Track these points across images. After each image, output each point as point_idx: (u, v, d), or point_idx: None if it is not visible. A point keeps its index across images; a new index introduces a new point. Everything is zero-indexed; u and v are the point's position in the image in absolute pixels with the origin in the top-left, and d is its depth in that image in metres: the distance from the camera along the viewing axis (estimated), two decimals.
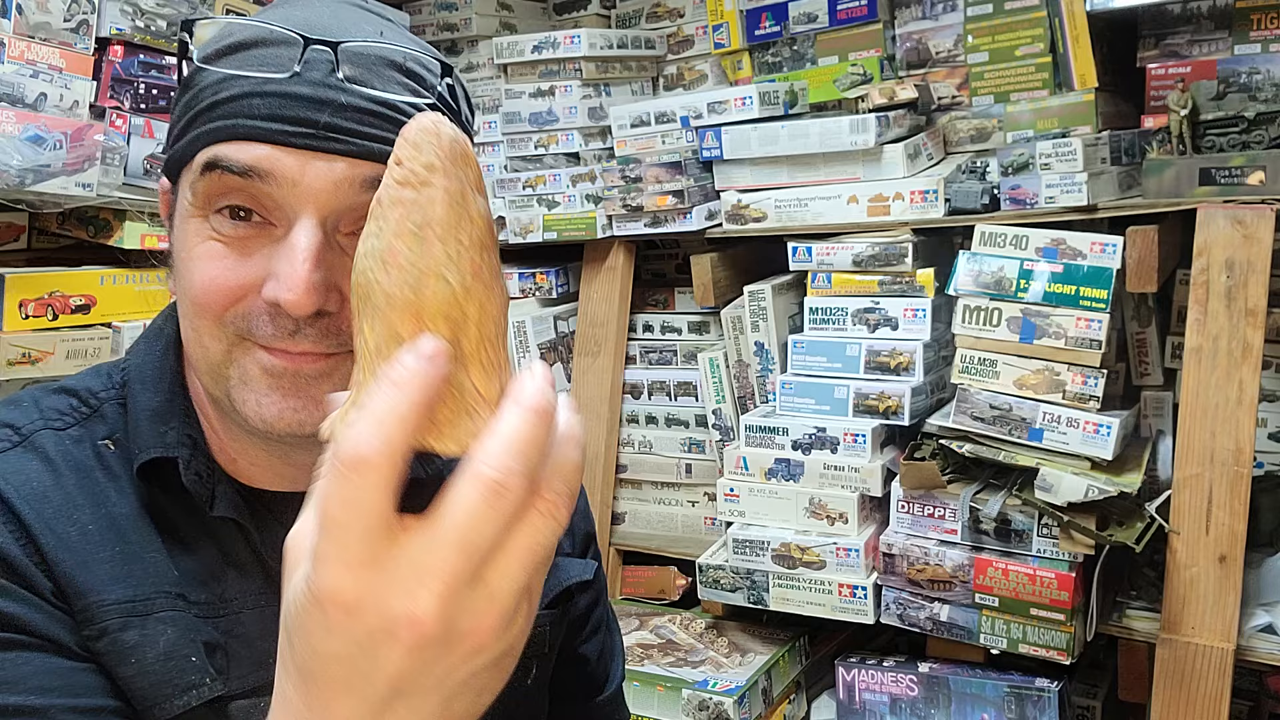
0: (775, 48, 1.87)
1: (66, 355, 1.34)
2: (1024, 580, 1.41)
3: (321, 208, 0.67)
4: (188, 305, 0.70)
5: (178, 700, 0.70)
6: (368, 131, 0.68)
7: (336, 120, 0.67)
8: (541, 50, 1.88)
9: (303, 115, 0.66)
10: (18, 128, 1.27)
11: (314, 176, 0.66)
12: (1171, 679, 1.39)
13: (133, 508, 0.74)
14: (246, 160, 0.66)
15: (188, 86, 0.71)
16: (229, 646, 0.73)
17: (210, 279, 0.68)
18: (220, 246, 0.68)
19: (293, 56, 0.67)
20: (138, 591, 0.70)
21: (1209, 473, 1.36)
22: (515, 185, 1.93)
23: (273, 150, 0.66)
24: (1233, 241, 1.35)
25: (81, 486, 0.73)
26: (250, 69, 0.67)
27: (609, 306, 1.90)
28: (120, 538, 0.72)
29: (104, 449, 0.75)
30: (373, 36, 0.71)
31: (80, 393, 0.78)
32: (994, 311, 1.45)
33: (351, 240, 0.69)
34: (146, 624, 0.70)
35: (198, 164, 0.68)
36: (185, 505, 0.74)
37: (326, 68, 0.67)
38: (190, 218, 0.69)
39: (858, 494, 1.55)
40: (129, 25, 1.40)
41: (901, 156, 1.61)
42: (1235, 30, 1.52)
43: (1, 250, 1.42)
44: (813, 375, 1.62)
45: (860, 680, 1.56)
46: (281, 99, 0.67)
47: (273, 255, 0.67)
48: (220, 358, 0.70)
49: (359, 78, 0.68)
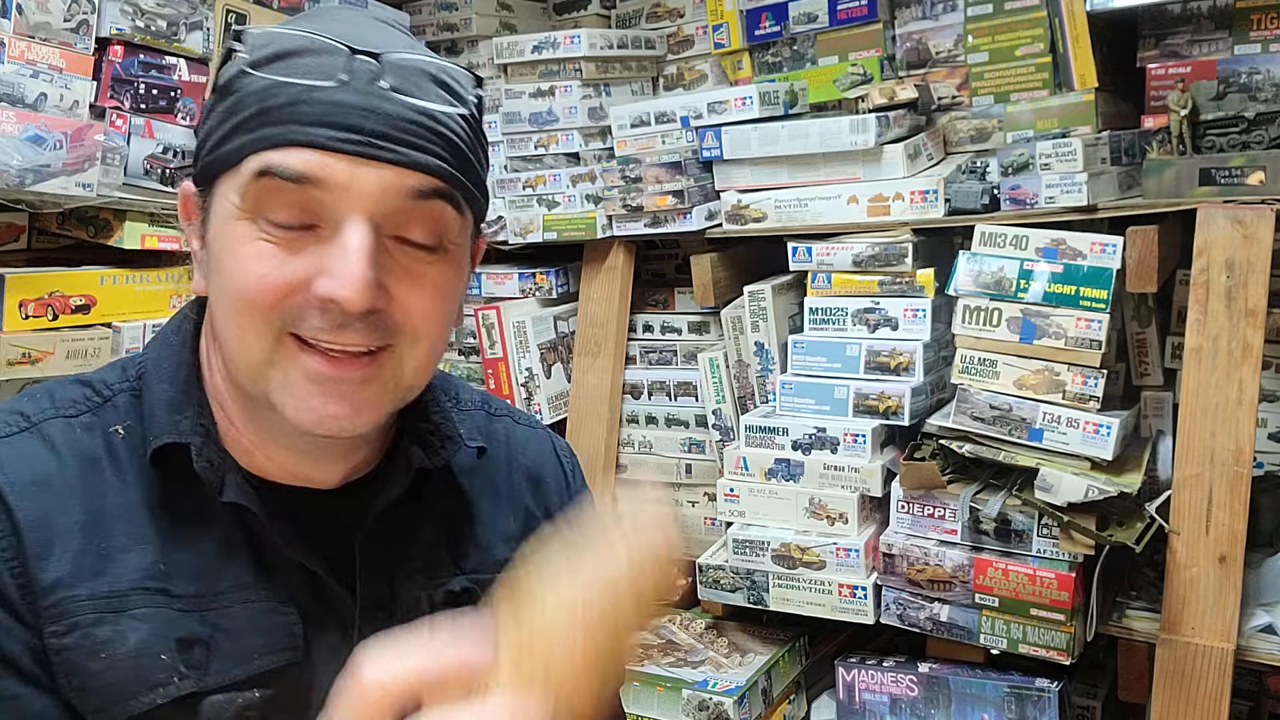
0: (775, 48, 1.87)
1: (66, 355, 1.34)
2: (1024, 580, 1.41)
3: (370, 211, 0.70)
4: (231, 303, 0.72)
5: (144, 698, 0.72)
6: (412, 141, 0.71)
7: (383, 129, 0.70)
8: (541, 50, 1.88)
9: (351, 123, 0.69)
10: (18, 128, 1.27)
11: (362, 182, 0.69)
12: (1171, 679, 1.39)
13: (133, 497, 0.76)
14: (299, 167, 0.69)
15: (227, 93, 0.72)
16: (212, 640, 0.74)
17: (261, 276, 0.70)
18: (270, 246, 0.70)
19: (338, 65, 0.70)
20: (115, 587, 0.73)
21: (1209, 473, 1.36)
22: (515, 185, 1.93)
23: (323, 156, 0.69)
24: (1233, 241, 1.35)
25: (82, 476, 0.75)
26: (297, 77, 0.70)
27: (609, 306, 1.90)
28: (109, 532, 0.74)
29: (114, 436, 0.77)
30: (399, 41, 0.74)
31: (95, 384, 0.80)
32: (994, 311, 1.45)
33: (395, 245, 0.72)
34: (120, 620, 0.72)
35: (248, 170, 0.70)
36: (193, 494, 0.76)
37: (370, 77, 0.70)
38: (236, 220, 0.71)
39: (858, 494, 1.55)
40: (129, 25, 1.40)
41: (901, 156, 1.61)
42: (1235, 30, 1.52)
43: (1, 250, 1.42)
44: (813, 375, 1.62)
45: (860, 680, 1.56)
46: (330, 106, 0.69)
47: (322, 254, 0.70)
48: (263, 356, 0.72)
49: (401, 87, 0.71)
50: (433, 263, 0.74)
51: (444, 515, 0.86)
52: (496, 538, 0.89)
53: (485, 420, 0.94)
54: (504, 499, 0.91)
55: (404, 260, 0.73)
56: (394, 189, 0.70)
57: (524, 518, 0.92)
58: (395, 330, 0.73)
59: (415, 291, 0.73)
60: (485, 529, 0.89)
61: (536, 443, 0.98)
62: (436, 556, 0.84)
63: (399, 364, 0.75)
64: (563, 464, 0.99)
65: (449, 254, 0.76)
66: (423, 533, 0.84)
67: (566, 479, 0.98)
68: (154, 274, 1.47)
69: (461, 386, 0.96)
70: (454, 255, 0.76)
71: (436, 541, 0.85)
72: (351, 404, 0.73)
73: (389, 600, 0.81)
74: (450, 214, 0.74)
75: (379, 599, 0.81)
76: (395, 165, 0.70)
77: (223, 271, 0.72)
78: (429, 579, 0.83)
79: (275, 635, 0.76)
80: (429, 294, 0.74)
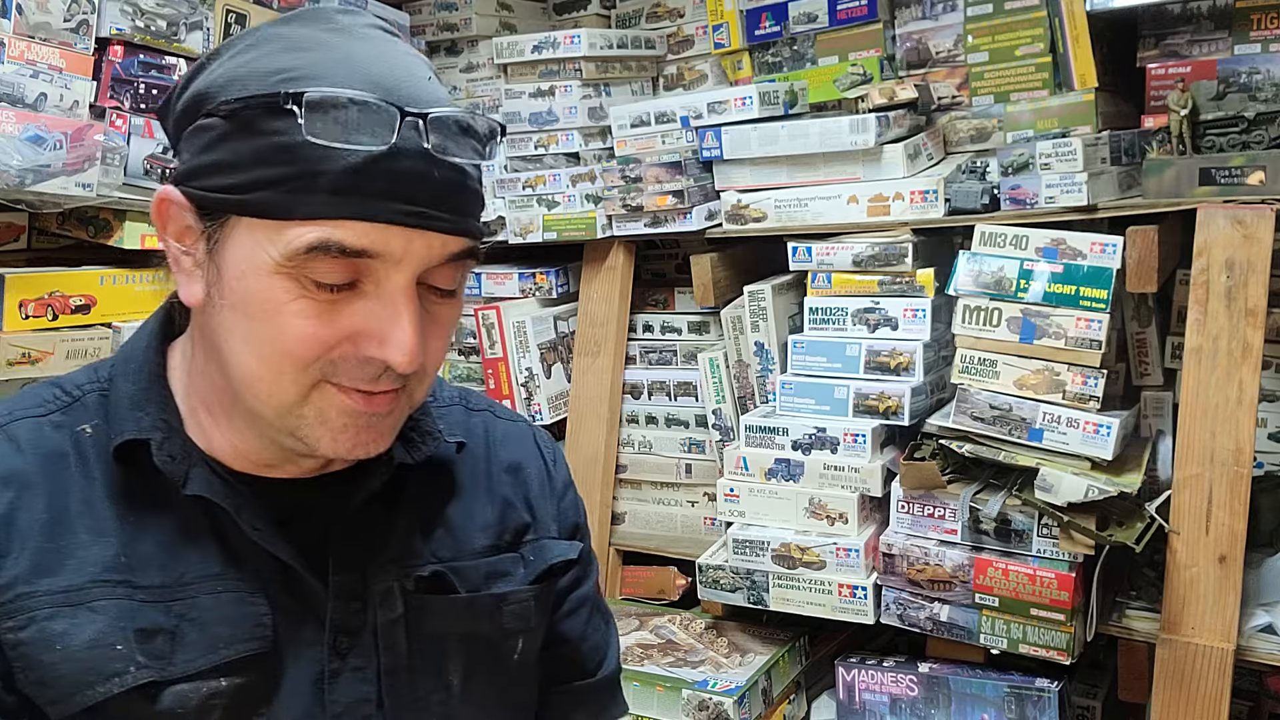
0: (775, 48, 1.87)
1: (66, 355, 1.34)
2: (1024, 580, 1.41)
3: (415, 271, 0.73)
4: (265, 351, 0.73)
5: (100, 688, 0.73)
6: (456, 206, 0.74)
7: (433, 197, 0.72)
8: (541, 50, 1.88)
9: (407, 194, 0.71)
10: (18, 128, 1.27)
11: (415, 250, 0.72)
12: (1171, 679, 1.39)
13: (97, 492, 0.78)
14: (361, 244, 0.70)
15: (254, 131, 0.70)
16: (178, 630, 0.76)
17: (308, 335, 0.72)
18: (313, 304, 0.72)
19: (388, 126, 0.70)
20: (73, 581, 0.75)
21: (1209, 473, 1.36)
22: (515, 185, 1.93)
23: (382, 230, 0.70)
24: (1233, 241, 1.35)
25: (46, 473, 0.77)
26: (349, 139, 0.69)
27: (609, 306, 1.90)
28: (70, 528, 0.76)
29: (81, 434, 0.79)
30: (425, 82, 0.75)
31: (65, 384, 0.83)
32: (994, 311, 1.45)
33: (422, 290, 0.75)
34: (77, 613, 0.74)
35: (299, 239, 0.69)
36: (157, 487, 0.78)
37: (418, 138, 0.71)
38: (275, 274, 0.71)
39: (858, 494, 1.55)
40: (129, 25, 1.40)
41: (901, 156, 1.61)
42: (1235, 30, 1.52)
43: (1, 250, 1.42)
44: (813, 375, 1.62)
45: (860, 680, 1.56)
46: (387, 177, 0.70)
47: (367, 313, 0.72)
48: (296, 399, 0.74)
49: (443, 146, 0.72)
50: (446, 304, 0.78)
51: (419, 506, 0.88)
52: (473, 526, 0.90)
53: (464, 415, 0.96)
54: (482, 490, 0.93)
55: (428, 305, 0.76)
56: (440, 253, 0.73)
57: (502, 507, 0.93)
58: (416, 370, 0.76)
59: (434, 333, 0.77)
60: (462, 518, 0.90)
61: (517, 436, 0.99)
62: (410, 545, 0.86)
63: (411, 394, 0.79)
64: (544, 455, 1.00)
65: (456, 295, 0.80)
66: (397, 523, 0.86)
67: (548, 469, 0.99)
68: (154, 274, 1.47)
69: (441, 383, 0.98)
70: (459, 294, 0.80)
71: (410, 531, 0.86)
72: (379, 432, 0.77)
73: (362, 590, 0.82)
74: (472, 264, 0.78)
75: (352, 589, 0.82)
76: (443, 233, 0.73)
77: (254, 318, 0.72)
78: (401, 568, 0.84)
79: (243, 625, 0.77)
80: (441, 333, 0.79)
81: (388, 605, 0.83)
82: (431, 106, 0.72)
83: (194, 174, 0.73)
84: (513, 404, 1.91)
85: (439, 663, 0.85)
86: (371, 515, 0.84)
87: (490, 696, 0.89)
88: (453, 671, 0.86)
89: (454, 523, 0.90)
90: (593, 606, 1.01)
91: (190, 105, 0.74)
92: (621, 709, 1.04)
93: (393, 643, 0.83)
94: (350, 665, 0.81)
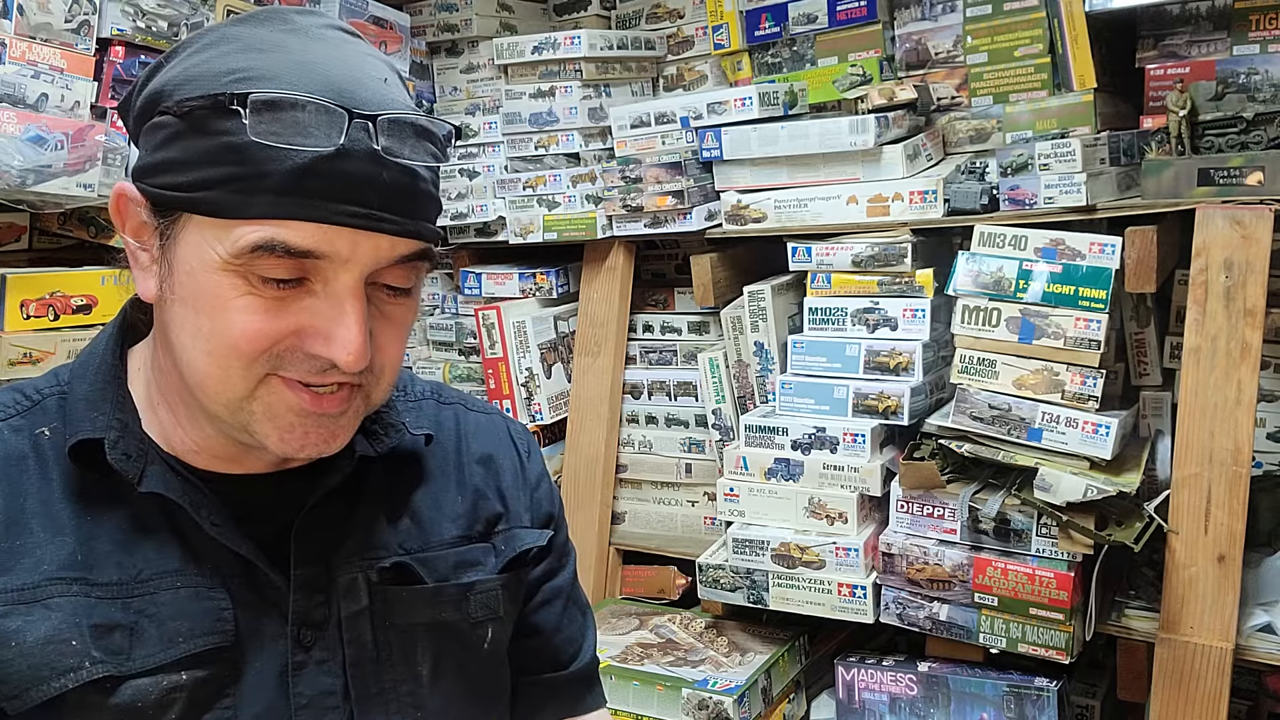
0: (775, 48, 1.87)
1: (67, 355, 1.35)
2: (1023, 580, 1.42)
3: (364, 273, 0.73)
4: (212, 346, 0.74)
5: (54, 683, 0.74)
6: (406, 209, 0.74)
7: (382, 199, 0.72)
8: (542, 51, 1.89)
9: (355, 196, 0.71)
10: (19, 128, 1.27)
11: (363, 251, 0.73)
12: (1170, 678, 1.39)
13: (54, 492, 0.79)
14: (306, 245, 0.70)
15: (203, 130, 0.71)
16: (136, 626, 0.77)
17: (254, 330, 0.72)
18: (259, 300, 0.72)
19: (337, 129, 0.70)
20: (28, 580, 0.75)
21: (1208, 472, 1.37)
22: (515, 185, 1.93)
23: (328, 232, 0.71)
24: (1231, 242, 1.35)
25: (4, 476, 0.78)
26: (297, 139, 0.69)
27: (609, 306, 1.90)
28: (26, 528, 0.77)
29: (41, 437, 0.80)
30: (380, 84, 0.75)
31: (26, 389, 0.84)
32: (993, 312, 1.45)
33: (372, 289, 0.76)
34: (32, 610, 0.75)
35: (246, 236, 0.70)
36: (114, 486, 0.79)
37: (368, 140, 0.71)
38: (222, 272, 0.72)
39: (857, 494, 1.55)
40: (130, 26, 1.41)
41: (901, 157, 1.61)
42: (1234, 31, 1.52)
43: (3, 250, 1.42)
44: (812, 375, 1.62)
45: (860, 679, 1.56)
46: (334, 178, 0.70)
47: (314, 310, 0.73)
48: (244, 393, 0.75)
49: (394, 149, 0.72)
50: (401, 304, 0.79)
51: (384, 498, 0.88)
52: (442, 517, 0.91)
53: (435, 409, 0.97)
54: (452, 481, 0.93)
55: (379, 304, 0.77)
56: (388, 255, 0.74)
57: (474, 498, 0.93)
58: (368, 368, 0.77)
59: (388, 331, 0.78)
60: (429, 509, 0.91)
61: (489, 427, 0.99)
62: (374, 537, 0.86)
63: (367, 395, 0.79)
64: (516, 445, 1.00)
65: (412, 294, 0.80)
66: (361, 515, 0.86)
67: (521, 460, 0.99)
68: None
69: (413, 379, 0.98)
70: (415, 294, 0.81)
71: (374, 522, 0.87)
72: (330, 431, 0.77)
73: (326, 583, 0.83)
74: (425, 266, 0.79)
75: (314, 582, 0.82)
76: (392, 235, 0.73)
77: (202, 313, 0.73)
78: (364, 559, 0.85)
79: (203, 620, 0.78)
80: (396, 333, 0.79)
81: (352, 597, 0.83)
82: (384, 108, 0.72)
83: (148, 171, 0.74)
84: (513, 404, 1.91)
85: (407, 653, 0.86)
86: (335, 508, 0.84)
87: (460, 686, 0.89)
88: (421, 661, 0.87)
89: (422, 514, 0.90)
90: (568, 598, 1.01)
91: (147, 103, 0.75)
92: (598, 702, 1.03)
93: (358, 634, 0.83)
94: (315, 658, 0.81)
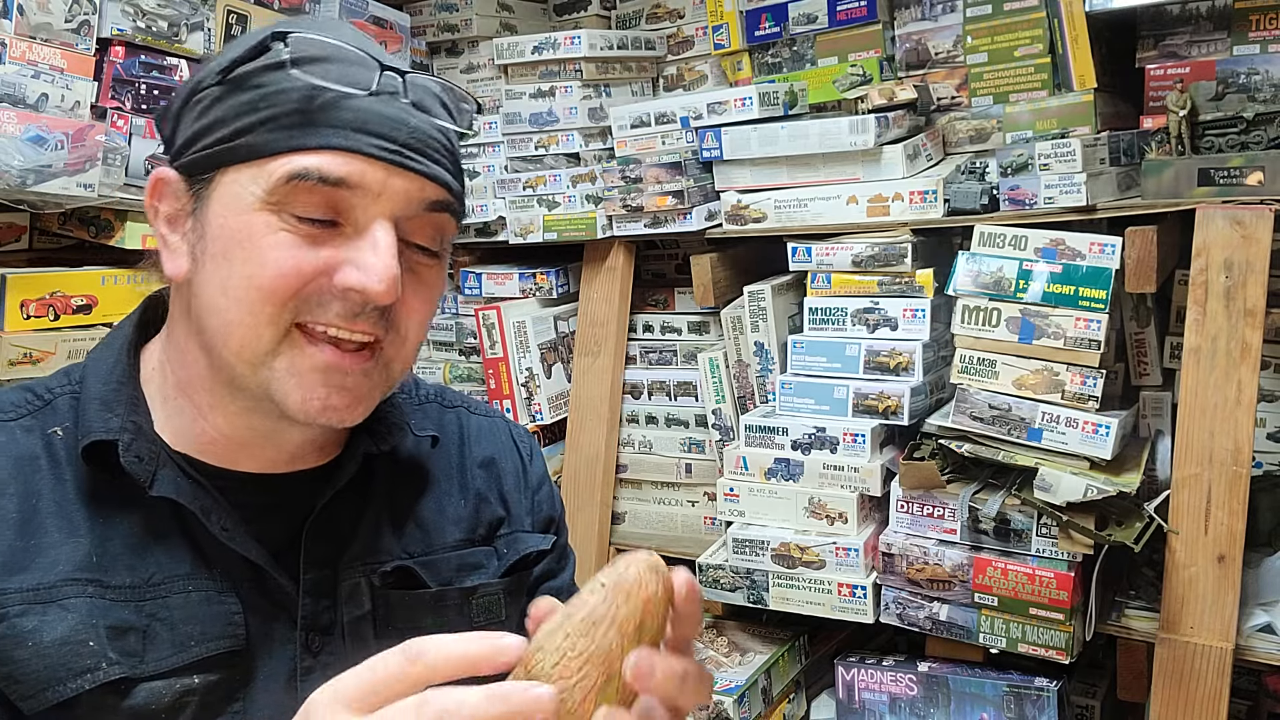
0: (775, 48, 1.87)
1: (68, 355, 1.34)
2: (1023, 580, 1.42)
3: (394, 214, 0.75)
4: (243, 290, 0.74)
5: (71, 684, 0.73)
6: (432, 155, 0.76)
7: (411, 140, 0.75)
8: (542, 51, 1.89)
9: (385, 132, 0.74)
10: (19, 128, 1.27)
11: (393, 189, 0.74)
12: (1170, 678, 1.39)
13: (68, 493, 0.78)
14: (339, 173, 0.73)
15: (244, 86, 0.75)
16: (149, 629, 0.77)
17: (282, 264, 0.73)
18: (292, 237, 0.74)
19: (370, 78, 0.74)
20: (44, 580, 0.75)
21: (1208, 472, 1.37)
22: (515, 185, 1.93)
23: (361, 163, 0.73)
24: (1231, 242, 1.35)
25: (17, 475, 0.78)
26: (333, 82, 0.73)
27: (609, 306, 1.90)
28: (41, 527, 0.76)
29: (53, 436, 0.80)
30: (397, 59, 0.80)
31: (36, 388, 0.83)
32: (993, 312, 1.45)
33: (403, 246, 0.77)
34: (48, 610, 0.74)
35: (281, 169, 0.73)
36: (126, 488, 0.78)
37: (397, 91, 0.75)
38: (257, 211, 0.74)
39: (857, 494, 1.55)
40: (130, 26, 1.41)
41: (901, 157, 1.61)
42: (1234, 31, 1.52)
43: (3, 251, 1.42)
44: (812, 375, 1.62)
45: (860, 679, 1.56)
46: (367, 114, 0.74)
47: (346, 248, 0.74)
48: (269, 346, 0.75)
49: (420, 104, 0.76)
50: (431, 266, 0.80)
51: (389, 501, 0.88)
52: (446, 520, 0.91)
53: (439, 412, 0.98)
54: (455, 484, 0.94)
55: (410, 262, 0.78)
56: (417, 198, 0.76)
57: (476, 501, 0.94)
58: (394, 325, 0.78)
59: (416, 292, 0.79)
60: (433, 513, 0.91)
61: (492, 431, 1.00)
62: (378, 540, 0.86)
63: (388, 360, 0.79)
64: (519, 448, 1.01)
65: (441, 260, 0.81)
66: (366, 518, 0.86)
67: (523, 463, 1.00)
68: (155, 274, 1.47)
69: (419, 382, 0.99)
70: (444, 261, 0.82)
71: (379, 525, 0.87)
72: (353, 396, 0.77)
73: (332, 588, 0.83)
74: (451, 224, 0.80)
75: (322, 586, 0.82)
76: (420, 176, 0.75)
77: (234, 259, 0.74)
78: (367, 564, 0.85)
79: (214, 624, 0.78)
80: (425, 294, 0.80)
81: (354, 602, 0.83)
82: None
83: (188, 144, 0.77)
84: (513, 404, 1.91)
85: None
86: (342, 511, 0.84)
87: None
88: None
89: (426, 518, 0.90)
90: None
91: (188, 95, 0.79)
92: None
93: (361, 639, 0.83)
94: (322, 663, 0.82)
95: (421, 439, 0.92)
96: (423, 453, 0.92)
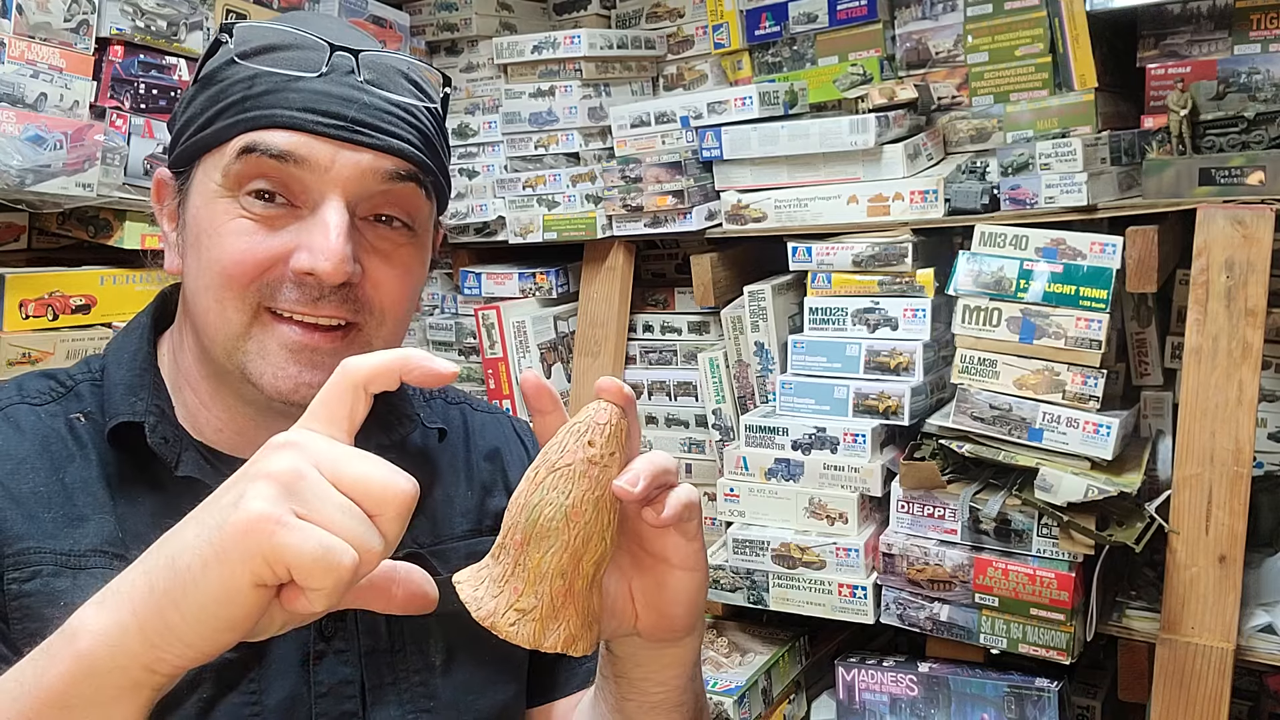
0: (775, 48, 1.87)
1: (67, 355, 1.34)
2: (1024, 580, 1.41)
3: (347, 192, 0.76)
4: (212, 278, 0.77)
5: None
6: (388, 129, 0.78)
7: (362, 116, 0.77)
8: (541, 50, 1.88)
9: (333, 109, 0.76)
10: (18, 128, 1.27)
11: (343, 164, 0.76)
12: (1171, 679, 1.39)
13: (93, 473, 0.80)
14: (284, 145, 0.75)
15: (211, 82, 0.79)
16: None
17: (243, 251, 0.76)
18: (250, 223, 0.76)
19: (319, 60, 0.77)
20: (75, 548, 0.77)
21: (1209, 473, 1.36)
22: (515, 185, 1.93)
23: (307, 138, 0.75)
24: (1232, 241, 1.35)
25: (44, 453, 0.80)
26: (282, 68, 0.76)
27: (609, 306, 1.90)
28: (69, 501, 0.78)
29: (75, 421, 0.82)
30: (374, 43, 0.81)
31: (59, 375, 0.86)
32: (994, 311, 1.45)
33: (366, 225, 0.79)
34: (79, 576, 0.76)
35: (233, 148, 0.76)
36: (149, 469, 0.80)
37: (349, 71, 0.77)
38: (218, 198, 0.77)
39: (858, 494, 1.55)
40: (129, 25, 1.40)
41: (901, 157, 1.61)
42: (1235, 30, 1.52)
43: (2, 250, 1.42)
44: (813, 375, 1.62)
45: (860, 680, 1.56)
46: (314, 94, 0.76)
47: (300, 231, 0.76)
48: (240, 329, 0.77)
49: (376, 81, 0.78)
50: (402, 243, 0.81)
51: None
52: (454, 511, 0.93)
53: (444, 407, 1.00)
54: (461, 476, 0.95)
55: (376, 239, 0.80)
56: (371, 172, 0.77)
57: (482, 493, 0.95)
58: (365, 306, 0.79)
59: (385, 268, 0.80)
60: (441, 503, 0.92)
61: (494, 425, 1.02)
62: None
63: (368, 342, 0.80)
64: (523, 440, 1.03)
65: (416, 236, 0.83)
66: None
67: (527, 453, 1.01)
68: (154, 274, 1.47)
69: None
70: (421, 239, 0.83)
71: None
72: (326, 373, 0.76)
73: None
74: (420, 197, 0.81)
75: None
76: (373, 149, 0.77)
77: (202, 247, 0.77)
78: None
79: None
80: (397, 271, 0.81)
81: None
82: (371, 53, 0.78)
83: (173, 145, 0.81)
84: (513, 404, 1.91)
85: (421, 643, 0.87)
86: None
87: (473, 674, 0.90)
88: (434, 652, 0.88)
89: (434, 508, 0.92)
90: None
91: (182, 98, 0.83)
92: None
93: (372, 626, 0.84)
94: (334, 647, 0.83)
95: (429, 431, 0.93)
96: (429, 445, 0.94)
